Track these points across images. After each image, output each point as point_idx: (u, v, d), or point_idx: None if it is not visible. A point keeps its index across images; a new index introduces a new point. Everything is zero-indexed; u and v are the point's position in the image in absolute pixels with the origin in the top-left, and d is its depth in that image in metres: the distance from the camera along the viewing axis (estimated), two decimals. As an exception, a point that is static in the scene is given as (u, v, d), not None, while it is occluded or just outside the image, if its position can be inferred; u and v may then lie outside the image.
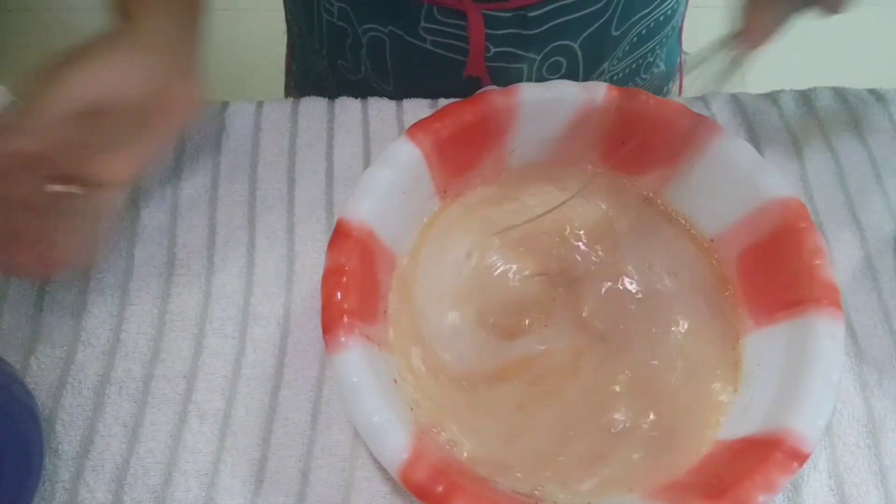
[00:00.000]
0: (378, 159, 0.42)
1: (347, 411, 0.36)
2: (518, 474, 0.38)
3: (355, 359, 0.37)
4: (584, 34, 0.53)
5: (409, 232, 0.45)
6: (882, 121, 0.50)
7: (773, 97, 0.52)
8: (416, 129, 0.43)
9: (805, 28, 0.42)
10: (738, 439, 0.38)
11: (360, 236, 0.40)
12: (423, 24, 0.53)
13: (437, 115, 0.43)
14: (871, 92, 0.52)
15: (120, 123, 0.38)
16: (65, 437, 0.41)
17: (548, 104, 0.44)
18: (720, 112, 0.51)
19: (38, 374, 0.43)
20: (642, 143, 0.45)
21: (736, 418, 0.39)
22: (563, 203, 0.45)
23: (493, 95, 0.44)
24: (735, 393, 0.40)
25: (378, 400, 0.36)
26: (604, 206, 0.46)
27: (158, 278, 0.46)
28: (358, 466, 0.41)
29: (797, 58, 1.08)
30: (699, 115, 0.44)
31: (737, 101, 0.52)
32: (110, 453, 0.41)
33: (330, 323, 0.37)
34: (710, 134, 0.43)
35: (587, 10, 0.52)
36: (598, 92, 0.44)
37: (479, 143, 0.45)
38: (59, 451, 0.41)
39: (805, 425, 0.35)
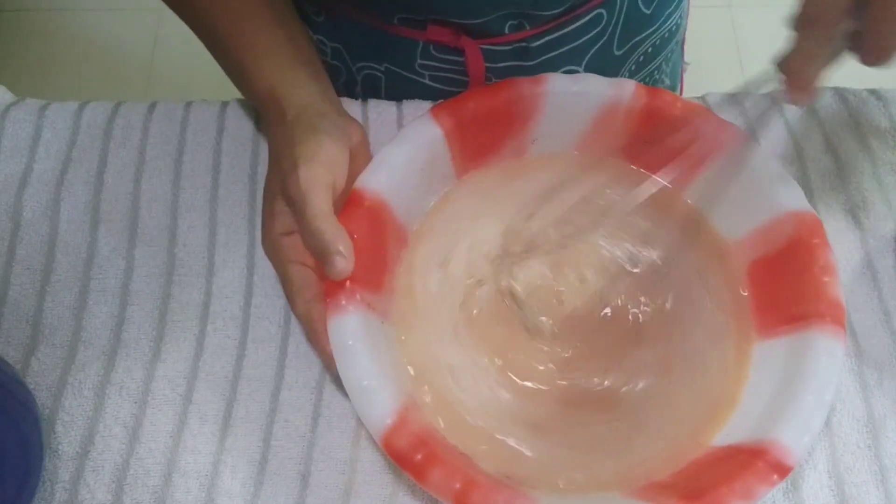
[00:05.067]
0: (399, 135, 0.42)
1: (339, 372, 0.36)
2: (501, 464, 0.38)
3: (353, 323, 0.37)
4: (587, 57, 0.53)
5: (423, 209, 0.45)
6: (882, 121, 0.50)
7: (773, 97, 0.52)
8: (439, 109, 0.43)
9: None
10: (724, 446, 0.38)
11: (372, 206, 0.40)
12: (419, 60, 0.53)
13: (463, 97, 0.44)
14: (871, 92, 0.52)
15: None
16: (65, 437, 0.41)
17: (574, 96, 0.44)
18: (721, 112, 0.51)
19: (38, 374, 0.43)
20: (666, 144, 0.45)
21: (728, 427, 0.39)
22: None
23: (521, 83, 0.44)
24: (733, 403, 0.40)
25: (370, 364, 0.36)
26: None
27: (159, 278, 0.46)
28: (358, 469, 0.40)
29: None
30: (724, 120, 0.44)
31: (737, 100, 0.52)
32: (110, 454, 0.41)
33: (333, 287, 0.38)
34: (733, 141, 0.43)
35: (587, 36, 0.52)
36: (626, 89, 0.44)
37: (502, 127, 0.45)
38: (59, 451, 0.41)
39: (792, 439, 0.35)
